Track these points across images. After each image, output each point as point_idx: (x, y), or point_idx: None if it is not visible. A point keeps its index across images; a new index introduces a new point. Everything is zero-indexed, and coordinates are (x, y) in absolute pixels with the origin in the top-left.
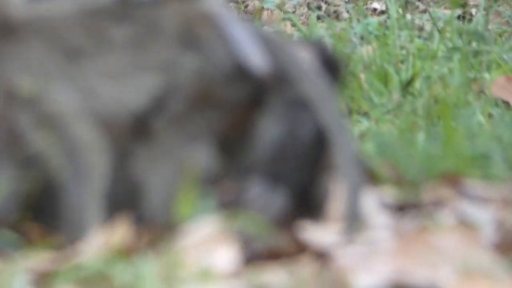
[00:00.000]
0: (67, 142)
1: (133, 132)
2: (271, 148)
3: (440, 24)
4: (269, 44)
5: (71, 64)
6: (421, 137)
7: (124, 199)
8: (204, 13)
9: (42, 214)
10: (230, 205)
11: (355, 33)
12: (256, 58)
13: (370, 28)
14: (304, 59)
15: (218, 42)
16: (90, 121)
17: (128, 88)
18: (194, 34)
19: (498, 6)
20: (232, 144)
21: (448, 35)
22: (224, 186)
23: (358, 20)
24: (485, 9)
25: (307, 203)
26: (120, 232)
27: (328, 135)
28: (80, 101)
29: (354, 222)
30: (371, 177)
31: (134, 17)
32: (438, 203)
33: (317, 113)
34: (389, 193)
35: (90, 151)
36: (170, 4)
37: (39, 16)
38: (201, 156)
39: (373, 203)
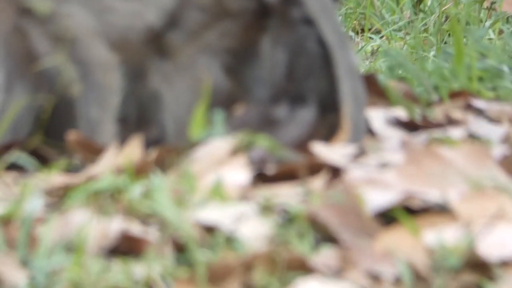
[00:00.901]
0: (81, 59)
1: (149, 47)
2: (282, 65)
3: None
4: None
5: None
6: (432, 54)
7: (139, 115)
8: None
9: (56, 132)
10: (256, 126)
11: None
12: None
13: None
14: None
15: None
16: (105, 37)
17: (142, 3)
18: None
19: None
20: (242, 61)
21: None
22: (241, 107)
23: None
24: None
25: (332, 112)
26: (132, 151)
27: (329, 50)
28: (94, 18)
29: (358, 134)
30: (382, 94)
31: None
32: (449, 120)
33: (319, 28)
34: (400, 110)
35: (104, 67)
36: None
37: None
38: (215, 71)
39: (383, 119)
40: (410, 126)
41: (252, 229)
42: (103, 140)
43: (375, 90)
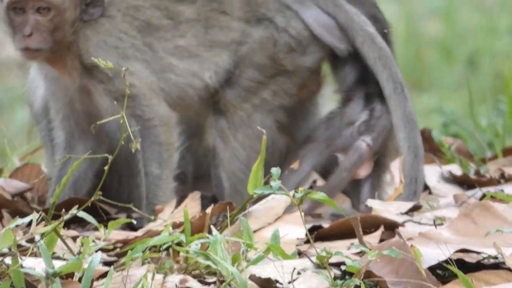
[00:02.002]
0: (143, 115)
1: (206, 105)
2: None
3: None
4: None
5: (148, 41)
6: (485, 112)
7: (196, 172)
8: None
9: (116, 188)
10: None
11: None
12: (333, 33)
13: (435, 5)
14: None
15: (283, 15)
16: (165, 95)
17: (200, 62)
18: (258, 8)
19: None
20: (295, 118)
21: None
22: (296, 163)
23: None
24: None
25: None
26: (190, 206)
27: (388, 101)
28: (156, 76)
29: (415, 187)
30: (437, 150)
31: None
32: (503, 176)
33: (380, 79)
34: (455, 166)
35: (165, 124)
36: None
37: None
38: (270, 128)
39: (438, 174)
40: (464, 182)
41: (308, 284)
42: (163, 196)
43: (430, 146)
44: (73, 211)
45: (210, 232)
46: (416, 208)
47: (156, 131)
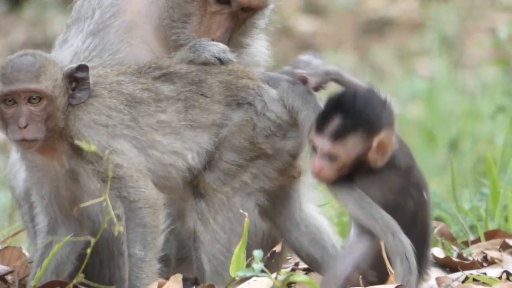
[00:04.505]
0: (129, 197)
1: (188, 188)
2: None
3: (486, 83)
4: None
5: (134, 116)
6: (468, 195)
7: (179, 254)
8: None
9: (98, 271)
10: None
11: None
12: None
13: (417, 89)
14: None
15: (262, 99)
16: (152, 174)
17: (183, 141)
18: (238, 92)
19: None
20: (275, 202)
21: (493, 94)
22: (279, 246)
23: (405, 80)
24: None
25: None
26: None
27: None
28: (141, 153)
29: (407, 263)
30: None
31: (183, 76)
32: (485, 259)
33: None
34: (437, 249)
35: (151, 206)
36: (216, 67)
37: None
38: (250, 211)
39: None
40: (447, 265)
41: None
42: (146, 278)
43: None
44: None
45: None
46: None
47: (141, 213)
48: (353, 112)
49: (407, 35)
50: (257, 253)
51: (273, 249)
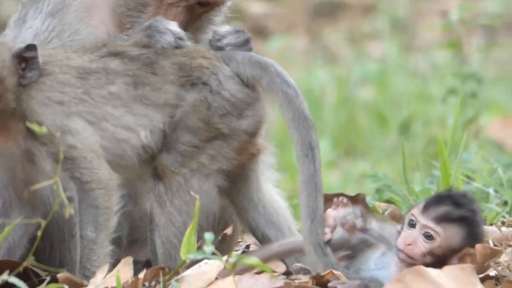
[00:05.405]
0: (82, 178)
1: (144, 169)
2: None
3: (437, 66)
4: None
5: (86, 88)
6: (419, 177)
7: (131, 236)
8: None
9: (49, 253)
10: None
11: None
12: None
13: (369, 72)
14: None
15: (217, 77)
16: (106, 154)
17: (136, 118)
18: (192, 73)
19: (493, 49)
20: (237, 182)
21: (445, 76)
22: (230, 228)
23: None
24: (480, 51)
25: None
26: (122, 271)
27: (297, 162)
28: (94, 129)
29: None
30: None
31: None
32: None
33: (293, 140)
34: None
35: (105, 188)
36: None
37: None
38: (207, 193)
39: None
40: None
41: None
42: (97, 260)
43: None
44: (4, 276)
45: None
46: None
47: (94, 194)
48: (468, 209)
49: (359, 17)
50: (208, 236)
51: (224, 232)
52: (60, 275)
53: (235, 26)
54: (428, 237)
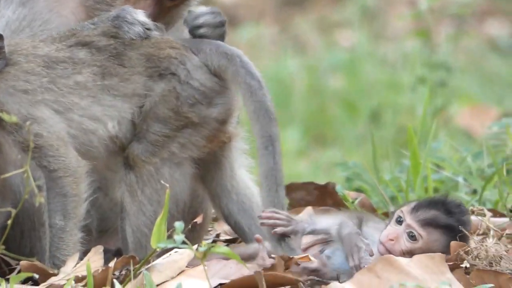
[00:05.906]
0: (49, 166)
1: (114, 158)
2: None
3: (407, 54)
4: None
5: (52, 77)
6: (389, 166)
7: (101, 225)
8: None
9: (19, 241)
10: None
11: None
12: None
13: (339, 60)
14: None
15: (185, 67)
16: (73, 142)
17: (103, 109)
18: (160, 63)
19: (462, 39)
20: (210, 169)
21: (414, 65)
22: (201, 217)
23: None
24: (449, 40)
25: None
26: (93, 260)
27: (258, 155)
28: (61, 118)
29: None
30: (340, 204)
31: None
32: None
33: (254, 132)
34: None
35: (73, 175)
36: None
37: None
38: (179, 182)
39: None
40: None
41: None
42: (67, 249)
43: (333, 200)
44: None
45: (113, 286)
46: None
47: (62, 182)
48: (457, 219)
49: (329, 6)
50: (178, 225)
51: (195, 221)
52: (23, 263)
53: (212, 7)
54: (412, 237)
